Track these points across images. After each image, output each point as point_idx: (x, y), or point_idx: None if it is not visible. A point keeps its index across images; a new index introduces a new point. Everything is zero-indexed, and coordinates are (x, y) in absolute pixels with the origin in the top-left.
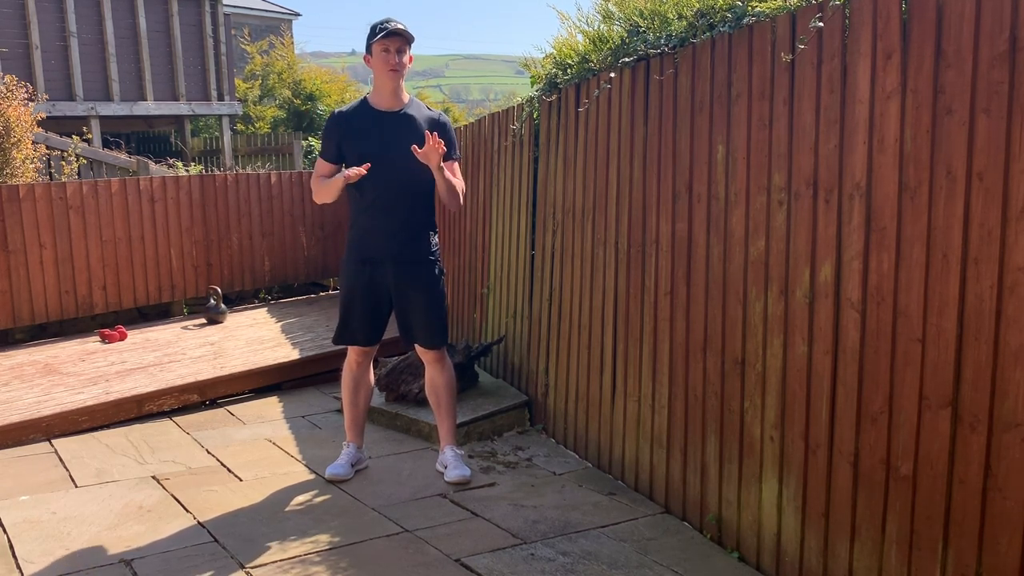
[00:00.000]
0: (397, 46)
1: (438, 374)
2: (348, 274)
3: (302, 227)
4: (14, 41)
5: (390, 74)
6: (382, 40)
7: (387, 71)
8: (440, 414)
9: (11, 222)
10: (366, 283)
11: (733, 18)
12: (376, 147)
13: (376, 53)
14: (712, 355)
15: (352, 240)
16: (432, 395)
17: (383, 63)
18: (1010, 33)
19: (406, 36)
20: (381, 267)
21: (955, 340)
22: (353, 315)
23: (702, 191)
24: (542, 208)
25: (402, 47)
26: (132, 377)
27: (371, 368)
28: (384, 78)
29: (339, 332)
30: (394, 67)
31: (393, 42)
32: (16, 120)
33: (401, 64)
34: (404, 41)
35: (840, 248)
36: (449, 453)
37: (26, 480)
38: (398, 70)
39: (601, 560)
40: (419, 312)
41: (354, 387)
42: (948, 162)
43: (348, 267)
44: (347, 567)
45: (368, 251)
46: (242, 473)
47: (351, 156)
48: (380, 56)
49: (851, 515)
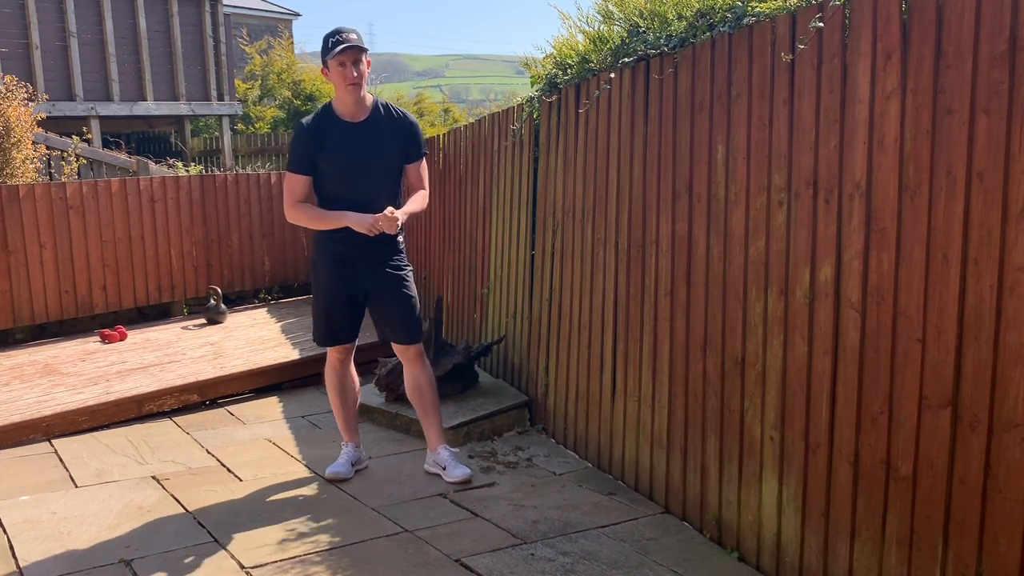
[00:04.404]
0: (353, 59)
1: (420, 371)
2: (323, 275)
3: (302, 227)
4: (14, 41)
5: (350, 88)
6: (338, 56)
7: (346, 86)
8: (426, 412)
9: (11, 222)
10: (343, 282)
11: (733, 18)
12: (346, 158)
13: (333, 68)
14: (712, 355)
15: (322, 242)
16: (416, 393)
17: (341, 78)
18: (1010, 33)
19: (360, 47)
20: (354, 267)
21: (955, 340)
22: (333, 314)
23: (702, 191)
24: (542, 208)
25: (358, 58)
26: (132, 377)
27: (352, 365)
28: (344, 92)
29: (321, 334)
30: (353, 81)
31: (349, 56)
32: (16, 120)
33: (360, 76)
34: (359, 51)
35: (840, 248)
36: (444, 453)
37: (26, 480)
38: (357, 83)
39: (601, 560)
40: (393, 309)
41: (340, 387)
42: (948, 162)
43: (322, 268)
44: (347, 567)
45: (342, 253)
46: (242, 473)
47: (324, 168)
48: (337, 71)
49: (851, 515)
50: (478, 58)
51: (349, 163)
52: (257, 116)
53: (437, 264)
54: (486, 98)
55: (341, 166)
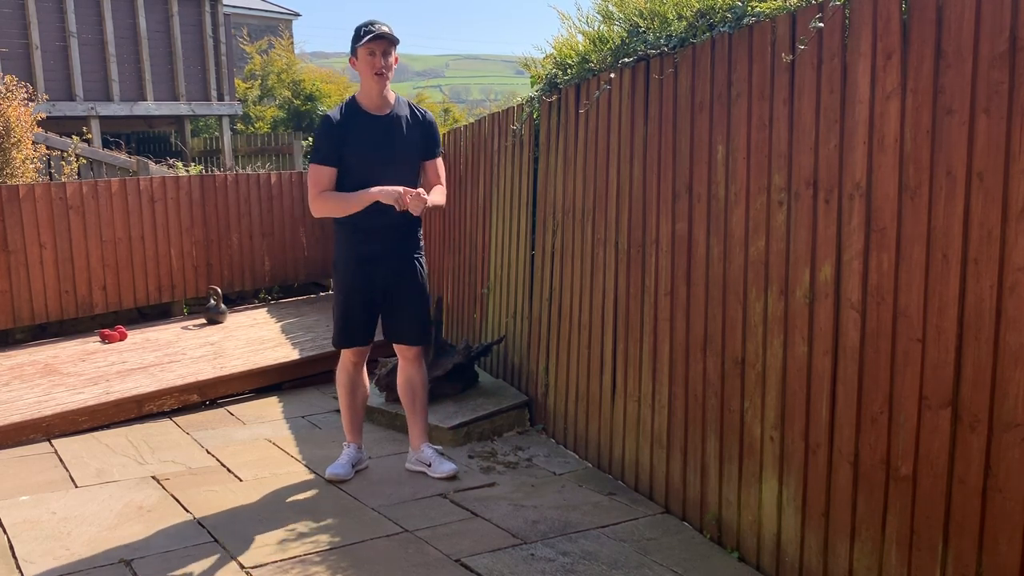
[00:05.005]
0: (383, 49)
1: (416, 371)
2: (346, 274)
3: (302, 227)
4: (14, 41)
5: (376, 78)
6: (367, 44)
7: (373, 75)
8: (415, 411)
9: (11, 222)
10: (365, 283)
11: (733, 18)
12: (373, 150)
13: (361, 57)
14: (712, 355)
15: (346, 240)
16: (408, 390)
17: (369, 67)
18: (1010, 33)
19: (391, 39)
20: (378, 265)
21: (955, 340)
22: (354, 316)
23: (702, 191)
24: (542, 208)
25: (387, 49)
26: (132, 377)
27: (364, 367)
28: (371, 81)
29: (341, 335)
30: (380, 70)
31: (379, 45)
32: (16, 120)
33: (387, 66)
34: (389, 44)
35: (840, 248)
36: (428, 451)
37: (26, 480)
38: (384, 73)
39: (601, 560)
40: (408, 309)
41: (351, 388)
42: (948, 162)
43: (345, 267)
44: (347, 567)
45: (366, 251)
46: (242, 473)
47: (348, 159)
48: (366, 60)
49: (851, 515)
50: (478, 58)
51: (373, 155)
52: (257, 116)
53: (437, 264)
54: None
55: (365, 158)
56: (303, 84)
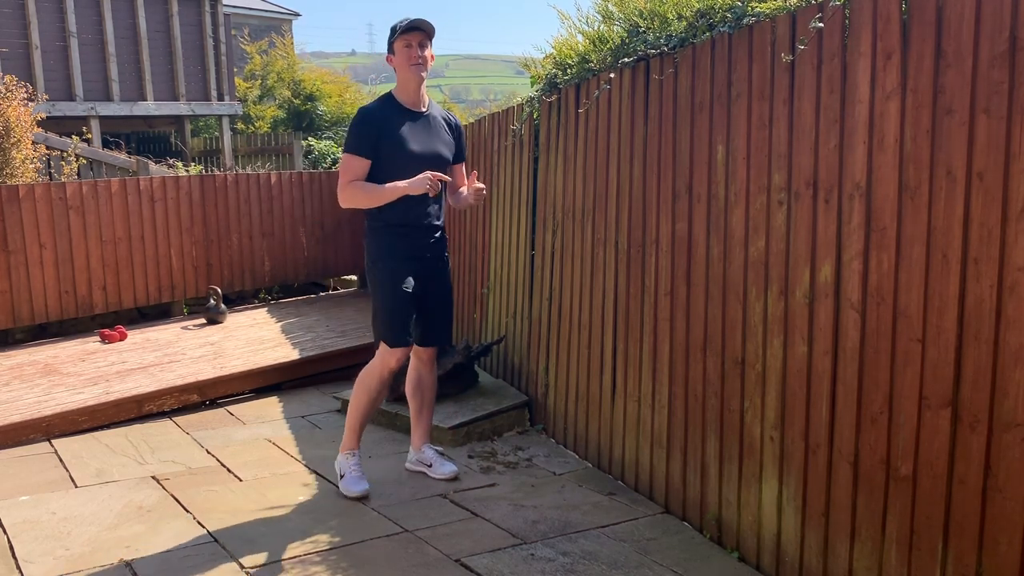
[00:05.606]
0: (419, 40)
1: (429, 372)
2: (394, 272)
3: (302, 227)
4: (14, 41)
5: (413, 68)
6: (403, 35)
7: (410, 66)
8: (422, 412)
9: (11, 222)
10: (413, 276)
11: (733, 18)
12: (413, 146)
13: (399, 49)
14: (712, 355)
15: (389, 238)
16: (418, 393)
17: (406, 58)
18: (1010, 33)
19: (427, 30)
20: (420, 263)
21: (955, 340)
22: (406, 311)
23: (702, 191)
24: (542, 208)
25: (424, 41)
26: (132, 377)
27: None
28: (408, 73)
29: (394, 333)
30: (416, 61)
31: (415, 36)
32: (16, 120)
33: (423, 58)
34: (425, 35)
35: (840, 248)
36: (429, 451)
37: (26, 480)
38: (421, 64)
39: (601, 560)
40: (439, 310)
41: (380, 392)
42: (948, 162)
43: (393, 265)
44: (347, 567)
45: (411, 248)
46: (242, 473)
47: (389, 154)
48: (403, 52)
49: (851, 515)
50: (478, 58)
51: (413, 150)
52: (257, 116)
53: None
54: (486, 98)
55: (405, 151)
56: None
